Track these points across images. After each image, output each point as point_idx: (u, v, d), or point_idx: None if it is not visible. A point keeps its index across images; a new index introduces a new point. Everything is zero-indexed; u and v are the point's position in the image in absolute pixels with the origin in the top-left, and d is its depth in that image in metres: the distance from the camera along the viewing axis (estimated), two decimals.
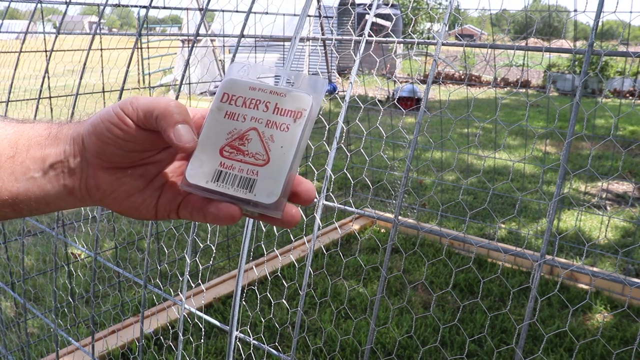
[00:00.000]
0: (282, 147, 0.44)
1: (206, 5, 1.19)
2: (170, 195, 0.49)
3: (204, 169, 0.44)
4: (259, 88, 0.46)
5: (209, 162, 0.44)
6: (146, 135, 0.45)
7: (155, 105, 0.44)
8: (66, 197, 0.48)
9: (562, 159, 0.79)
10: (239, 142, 0.45)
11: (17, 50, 1.73)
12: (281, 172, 0.44)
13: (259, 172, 0.44)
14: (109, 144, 0.45)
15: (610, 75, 9.64)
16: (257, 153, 0.44)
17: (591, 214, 3.60)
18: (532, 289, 0.79)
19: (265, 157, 0.44)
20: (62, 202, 0.49)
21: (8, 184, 0.46)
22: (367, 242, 3.14)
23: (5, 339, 2.05)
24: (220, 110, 0.46)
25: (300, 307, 0.96)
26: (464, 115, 3.50)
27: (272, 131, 0.45)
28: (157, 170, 0.49)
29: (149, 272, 2.67)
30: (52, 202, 0.48)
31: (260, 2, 2.70)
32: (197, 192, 0.45)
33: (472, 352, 2.13)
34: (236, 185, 0.44)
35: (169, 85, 7.69)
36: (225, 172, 0.44)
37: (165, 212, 0.49)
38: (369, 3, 8.23)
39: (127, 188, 0.48)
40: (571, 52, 0.95)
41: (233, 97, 0.46)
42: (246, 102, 0.46)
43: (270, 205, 0.43)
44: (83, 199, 0.49)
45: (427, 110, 1.08)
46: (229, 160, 0.44)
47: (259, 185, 0.43)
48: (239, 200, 0.44)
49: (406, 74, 11.43)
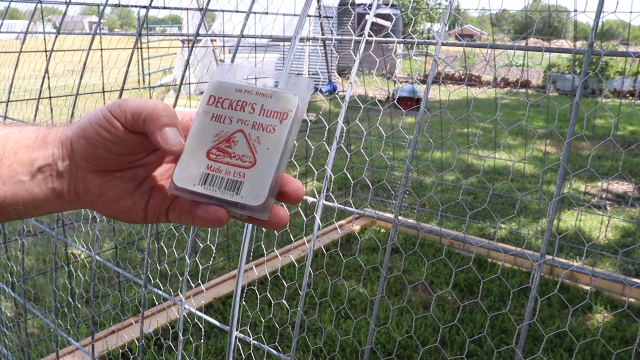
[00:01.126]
0: (268, 149, 0.44)
1: (206, 5, 1.19)
2: (159, 198, 0.49)
3: (191, 172, 0.44)
4: (245, 90, 0.46)
5: (196, 165, 0.44)
6: (134, 137, 0.45)
7: (143, 108, 0.44)
8: (54, 200, 0.48)
9: (562, 159, 0.79)
10: (226, 145, 0.45)
11: (17, 50, 1.73)
12: (267, 174, 0.44)
13: (246, 174, 0.44)
14: (98, 147, 0.45)
15: (610, 75, 9.64)
16: (244, 155, 0.44)
17: (591, 214, 3.60)
18: (532, 289, 0.79)
19: (252, 158, 0.44)
20: (51, 206, 0.48)
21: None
22: (367, 242, 3.14)
23: (5, 339, 2.05)
24: (207, 113, 0.46)
25: (300, 307, 0.96)
26: (464, 115, 3.51)
27: (258, 133, 0.45)
28: (146, 173, 0.49)
29: (149, 272, 2.67)
30: (41, 206, 0.48)
31: (260, 2, 2.70)
32: (184, 195, 0.45)
33: (472, 352, 2.13)
34: (223, 188, 0.44)
35: (169, 85, 7.69)
36: (212, 174, 0.44)
37: (155, 215, 0.49)
38: (369, 3, 8.23)
39: (116, 191, 0.48)
40: (571, 52, 0.95)
41: (219, 100, 0.46)
42: (232, 104, 0.46)
43: (256, 207, 0.43)
44: (72, 202, 0.48)
45: (427, 110, 1.08)
46: (216, 162, 0.44)
47: (246, 188, 0.44)
48: (226, 203, 0.44)
49: (406, 74, 11.42)
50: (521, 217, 3.57)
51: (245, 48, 3.77)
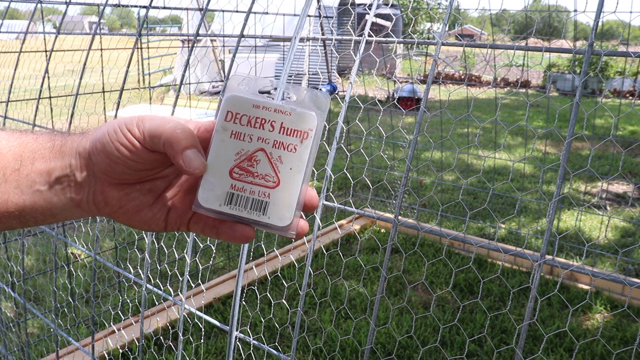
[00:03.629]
0: (291, 170, 0.45)
1: (206, 5, 1.19)
2: (180, 210, 0.49)
3: (216, 191, 0.45)
4: (263, 106, 0.46)
5: (220, 184, 0.45)
6: (154, 155, 0.46)
7: (162, 131, 0.44)
8: (73, 209, 0.49)
9: (562, 159, 0.79)
10: (248, 164, 0.45)
11: (17, 50, 1.73)
12: (293, 195, 0.44)
13: (271, 194, 0.44)
14: (118, 163, 0.45)
15: (610, 75, 9.64)
16: (267, 175, 0.45)
17: (591, 214, 3.60)
18: (532, 289, 0.79)
19: (276, 178, 0.45)
20: (69, 214, 0.49)
21: (14, 196, 0.47)
22: (367, 242, 3.14)
23: (5, 339, 2.04)
24: (226, 130, 0.45)
25: (300, 307, 0.96)
26: (464, 115, 3.50)
27: (279, 152, 0.45)
28: (165, 185, 0.49)
29: (149, 272, 2.67)
30: (59, 214, 0.49)
31: (260, 2, 2.70)
32: (210, 214, 0.45)
33: (472, 352, 2.13)
34: (249, 208, 0.44)
35: (169, 85, 7.69)
36: (236, 194, 0.45)
37: (175, 226, 0.50)
38: (369, 3, 8.23)
39: (136, 204, 0.48)
40: (571, 52, 0.95)
41: (237, 116, 0.46)
42: (251, 121, 0.45)
43: (283, 227, 0.44)
44: (90, 212, 0.49)
45: (427, 110, 1.08)
46: (240, 182, 0.45)
47: (272, 208, 0.44)
48: (252, 222, 0.45)
49: (406, 74, 11.43)
50: (521, 217, 3.57)
51: (245, 48, 3.77)
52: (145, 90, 6.50)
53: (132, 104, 6.75)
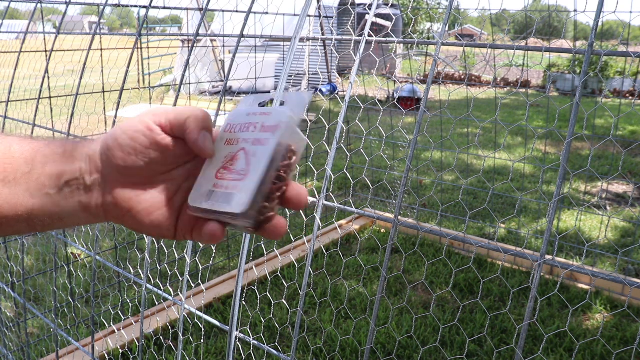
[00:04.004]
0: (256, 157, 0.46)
1: (206, 5, 1.19)
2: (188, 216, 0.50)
3: (201, 190, 0.47)
4: (254, 112, 0.49)
5: (206, 184, 0.47)
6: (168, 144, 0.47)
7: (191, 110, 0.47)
8: (81, 213, 0.49)
9: (562, 159, 0.79)
10: (230, 163, 0.47)
11: (17, 50, 1.73)
12: (252, 182, 0.45)
13: (239, 185, 0.45)
14: (131, 154, 0.46)
15: (610, 75, 9.64)
16: (242, 170, 0.46)
17: (591, 214, 3.60)
18: (532, 289, 0.79)
19: (246, 171, 0.46)
20: (76, 219, 0.50)
21: (23, 199, 0.47)
22: (367, 242, 3.14)
23: (5, 339, 2.04)
24: (222, 140, 0.49)
25: (300, 307, 0.97)
26: (464, 115, 3.51)
27: (256, 148, 0.47)
28: (175, 189, 0.50)
29: (149, 272, 2.67)
30: (66, 218, 0.49)
31: (260, 2, 2.70)
32: (197, 213, 0.47)
33: (472, 352, 2.13)
34: (221, 201, 0.46)
35: (169, 85, 7.69)
36: (215, 191, 0.47)
37: (183, 233, 0.51)
38: (369, 3, 8.23)
39: (146, 206, 0.49)
40: (571, 52, 0.95)
41: (233, 126, 0.50)
42: (242, 127, 0.49)
43: (239, 214, 0.44)
44: (98, 216, 0.50)
45: (427, 110, 1.08)
46: (220, 180, 0.47)
47: (236, 197, 0.45)
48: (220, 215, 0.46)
49: (406, 74, 11.43)
50: (521, 217, 3.57)
51: (246, 48, 3.77)
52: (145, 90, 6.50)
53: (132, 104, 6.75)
